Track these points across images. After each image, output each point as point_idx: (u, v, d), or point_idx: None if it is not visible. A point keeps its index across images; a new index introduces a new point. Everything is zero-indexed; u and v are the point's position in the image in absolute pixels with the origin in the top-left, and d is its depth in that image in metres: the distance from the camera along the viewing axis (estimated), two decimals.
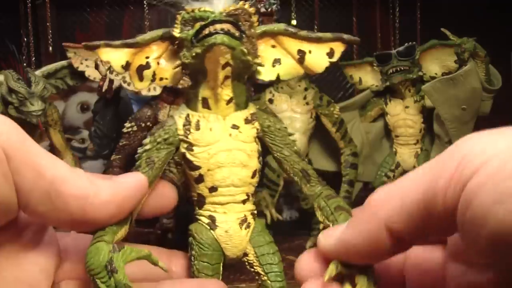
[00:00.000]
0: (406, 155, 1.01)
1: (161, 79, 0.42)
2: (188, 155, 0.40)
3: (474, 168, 0.24)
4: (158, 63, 0.42)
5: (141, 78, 0.41)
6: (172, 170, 0.43)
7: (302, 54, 0.42)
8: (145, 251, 0.35)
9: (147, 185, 0.37)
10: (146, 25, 1.41)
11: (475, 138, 0.26)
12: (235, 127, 0.40)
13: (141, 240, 0.83)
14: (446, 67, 0.95)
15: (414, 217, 0.27)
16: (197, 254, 0.40)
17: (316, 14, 1.51)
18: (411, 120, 0.99)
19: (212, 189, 0.40)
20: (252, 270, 0.43)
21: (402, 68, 0.93)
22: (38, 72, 0.86)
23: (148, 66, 0.41)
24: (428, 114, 0.99)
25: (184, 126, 0.40)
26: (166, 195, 0.41)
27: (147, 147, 0.40)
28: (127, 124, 0.85)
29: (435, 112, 0.94)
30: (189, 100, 0.41)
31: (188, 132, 0.40)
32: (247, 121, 0.41)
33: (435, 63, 0.97)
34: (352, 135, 0.99)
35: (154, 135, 0.40)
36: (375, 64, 0.98)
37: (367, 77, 1.03)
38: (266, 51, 0.42)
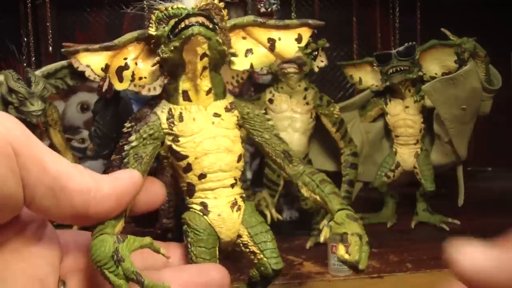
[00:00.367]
0: (406, 155, 1.01)
1: (140, 78, 0.44)
2: (174, 146, 0.42)
3: None
4: (136, 63, 0.44)
5: (120, 79, 0.44)
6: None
7: (272, 41, 0.45)
8: (147, 240, 0.37)
9: (141, 181, 0.38)
10: (146, 25, 1.41)
11: None
12: (216, 115, 0.42)
13: None
14: (446, 67, 0.95)
15: None
16: (193, 240, 0.42)
17: (316, 14, 1.51)
18: (411, 120, 0.99)
19: (201, 176, 0.42)
20: (247, 250, 0.44)
21: (402, 68, 0.93)
22: (38, 72, 0.86)
23: (126, 66, 0.44)
24: (428, 114, 0.99)
25: (168, 119, 0.42)
26: (154, 192, 0.41)
27: (133, 144, 0.42)
28: (127, 124, 0.84)
29: (435, 112, 0.94)
30: (169, 95, 0.43)
31: (173, 125, 0.42)
32: (227, 109, 0.43)
33: (435, 63, 0.96)
34: (352, 135, 0.99)
35: (139, 131, 0.42)
36: (375, 64, 0.98)
37: (367, 77, 1.03)
38: (238, 43, 0.45)
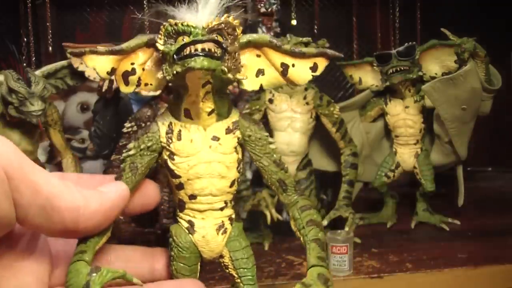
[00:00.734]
0: (406, 155, 1.01)
1: (146, 84, 0.42)
2: (169, 163, 0.42)
3: None
4: (143, 69, 0.42)
5: (126, 83, 0.42)
6: None
7: (285, 67, 0.42)
8: (119, 272, 0.38)
9: (128, 194, 0.40)
10: (146, 25, 1.41)
11: None
12: (215, 138, 0.41)
13: (141, 240, 0.84)
14: (446, 67, 0.95)
15: None
16: (175, 255, 0.43)
17: (316, 14, 1.51)
18: (411, 120, 0.99)
19: (192, 196, 0.42)
20: (227, 271, 0.44)
21: (402, 68, 0.93)
22: (38, 72, 0.86)
23: (133, 72, 0.42)
24: (428, 114, 0.99)
25: (167, 134, 0.42)
26: (148, 194, 0.43)
27: (131, 152, 0.42)
28: (127, 124, 0.84)
29: (435, 112, 0.94)
30: (172, 107, 0.42)
31: (170, 141, 0.41)
32: (228, 130, 0.42)
33: (435, 63, 0.96)
34: (352, 135, 0.99)
35: (138, 140, 0.42)
36: (375, 64, 0.98)
37: (367, 77, 1.03)
38: (251, 60, 0.43)
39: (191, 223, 0.43)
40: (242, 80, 0.42)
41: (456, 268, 0.76)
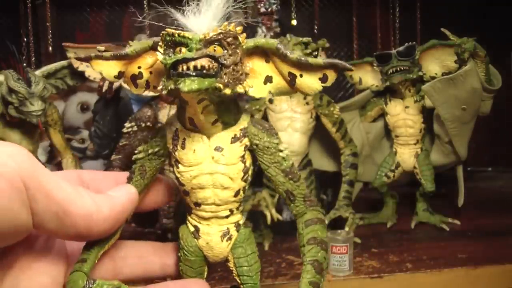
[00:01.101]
0: (406, 155, 1.01)
1: (154, 87, 0.42)
2: (175, 169, 0.42)
3: None
4: (151, 72, 0.41)
5: (135, 85, 0.42)
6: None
7: (292, 77, 0.40)
8: (115, 283, 0.38)
9: (137, 197, 0.41)
10: (146, 25, 1.41)
11: None
12: (219, 149, 0.40)
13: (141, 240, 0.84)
14: (446, 67, 0.95)
15: None
16: (182, 257, 0.43)
17: (316, 14, 1.51)
18: (411, 120, 0.99)
19: (196, 204, 0.42)
20: (232, 275, 0.44)
21: (402, 68, 0.93)
22: (38, 72, 0.86)
23: (140, 76, 0.41)
24: (428, 114, 0.99)
25: (173, 140, 0.41)
26: (161, 191, 0.45)
27: (140, 156, 0.42)
28: (127, 124, 0.85)
29: (435, 112, 0.94)
30: (179, 113, 0.42)
31: (176, 148, 0.41)
32: (235, 139, 0.40)
33: (435, 63, 0.96)
34: (352, 135, 0.99)
35: (147, 144, 0.42)
36: (375, 64, 0.98)
37: (367, 77, 1.03)
38: (259, 66, 0.40)
39: (196, 228, 0.43)
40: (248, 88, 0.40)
41: (456, 268, 0.76)
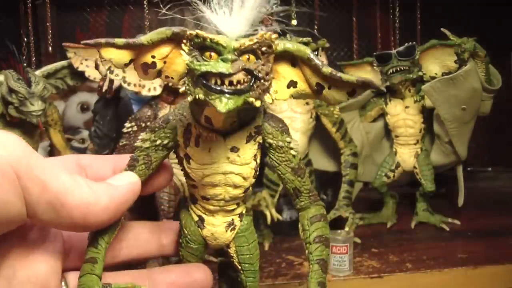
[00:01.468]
0: (406, 155, 1.01)
1: (167, 77, 0.39)
2: (185, 164, 0.40)
3: None
4: (165, 62, 0.38)
5: (145, 73, 0.39)
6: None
7: (320, 87, 0.38)
8: (129, 286, 0.38)
9: (140, 187, 0.39)
10: (146, 25, 1.41)
11: None
12: (234, 149, 0.39)
13: None
14: (446, 67, 0.95)
15: None
16: (184, 244, 0.43)
17: (316, 14, 1.51)
18: (411, 120, 0.99)
19: (204, 198, 0.42)
20: (231, 259, 0.44)
21: (402, 68, 0.93)
22: (38, 72, 0.86)
23: (153, 65, 0.38)
24: (428, 114, 0.99)
25: (185, 134, 0.40)
26: (161, 174, 0.42)
27: (145, 145, 0.40)
28: (127, 124, 0.84)
29: (435, 112, 0.94)
30: (193, 107, 0.39)
31: (188, 144, 0.40)
32: (249, 138, 0.40)
33: (435, 63, 0.96)
34: (352, 135, 0.99)
35: (154, 133, 0.40)
36: (375, 64, 0.98)
37: (367, 77, 1.02)
38: (284, 70, 0.39)
39: (201, 218, 0.43)
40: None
41: (456, 268, 0.76)
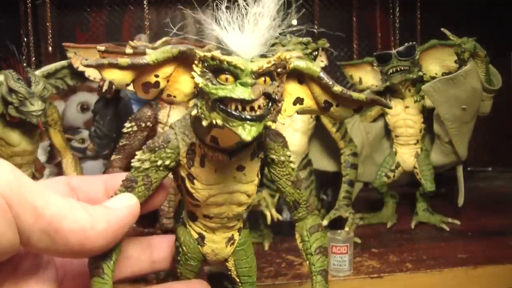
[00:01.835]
0: (406, 155, 1.01)
1: (168, 96, 0.37)
2: (188, 184, 0.39)
3: None
4: (168, 81, 0.37)
5: (146, 92, 0.37)
6: None
7: (328, 105, 0.38)
8: None
9: (139, 209, 0.37)
10: (146, 25, 1.41)
11: None
12: (241, 168, 0.39)
13: None
14: (446, 67, 0.95)
15: None
16: (182, 261, 0.43)
17: (316, 14, 1.51)
18: (411, 120, 0.99)
19: (207, 216, 0.41)
20: (229, 273, 0.44)
21: (402, 68, 0.93)
22: (38, 72, 0.86)
23: (156, 85, 0.36)
24: (428, 114, 0.99)
25: (188, 155, 0.38)
26: (160, 193, 0.41)
27: (145, 166, 0.38)
28: (127, 124, 0.84)
29: (435, 112, 0.94)
30: (196, 125, 0.37)
31: (192, 164, 0.38)
32: (253, 155, 0.39)
33: (435, 63, 0.96)
34: (352, 135, 0.99)
35: (155, 153, 0.38)
36: (375, 64, 0.98)
37: (367, 77, 1.03)
38: (292, 87, 0.38)
39: (201, 235, 0.42)
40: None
41: (456, 268, 0.76)
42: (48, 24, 1.39)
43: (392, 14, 1.54)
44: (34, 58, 1.41)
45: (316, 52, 0.91)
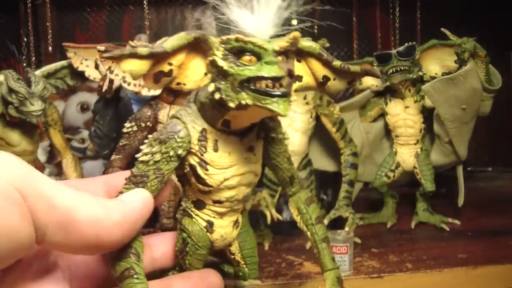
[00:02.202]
0: (406, 155, 1.01)
1: (178, 84, 0.38)
2: (200, 171, 0.39)
3: None
4: (179, 68, 0.37)
5: (157, 81, 0.37)
6: None
7: (326, 79, 0.40)
8: None
9: (153, 202, 0.37)
10: (146, 25, 1.41)
11: None
12: (251, 149, 0.40)
13: None
14: (446, 67, 0.95)
15: None
16: (191, 252, 0.42)
17: (316, 14, 1.51)
18: (411, 120, 0.99)
19: (218, 201, 0.41)
20: (232, 257, 0.45)
21: (402, 68, 0.93)
22: (38, 72, 0.86)
23: (170, 73, 0.37)
24: (428, 114, 0.99)
25: (200, 141, 0.38)
26: (164, 189, 0.40)
27: (156, 158, 0.37)
28: (127, 124, 0.84)
29: (435, 112, 0.94)
30: (206, 112, 0.38)
31: (204, 150, 0.38)
32: (258, 135, 0.40)
33: (435, 63, 0.96)
34: (352, 135, 0.99)
35: (165, 144, 0.37)
36: (375, 64, 0.98)
37: (367, 77, 1.02)
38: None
39: (210, 222, 0.42)
40: None
41: (456, 268, 0.76)
42: (48, 24, 1.40)
43: (392, 14, 1.54)
44: (34, 58, 1.41)
45: None
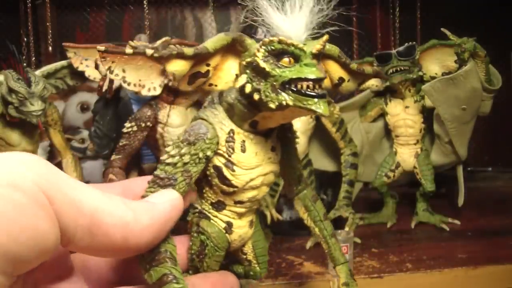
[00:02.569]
0: (406, 155, 1.01)
1: (210, 85, 0.38)
2: (226, 172, 0.39)
3: None
4: (215, 69, 0.38)
5: (191, 83, 0.37)
6: None
7: (341, 81, 0.42)
8: None
9: (183, 204, 0.36)
10: (146, 25, 1.41)
11: None
12: (273, 149, 0.40)
13: None
14: (446, 67, 0.95)
15: None
16: (211, 254, 0.42)
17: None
18: (411, 120, 0.99)
19: (240, 202, 0.41)
20: (244, 256, 0.45)
21: (402, 68, 0.93)
22: (38, 72, 0.86)
23: (206, 74, 0.37)
24: (428, 114, 0.99)
25: (227, 142, 0.39)
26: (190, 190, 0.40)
27: (185, 160, 0.37)
28: (127, 124, 0.84)
29: (435, 112, 0.94)
30: (233, 113, 0.38)
31: (232, 151, 0.39)
32: (278, 137, 0.41)
33: (435, 63, 0.96)
34: (352, 135, 0.99)
35: (194, 146, 0.37)
36: (375, 64, 0.98)
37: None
38: None
39: (229, 223, 0.42)
40: None
41: (456, 268, 0.76)
42: (48, 24, 1.39)
43: (392, 14, 1.54)
44: (34, 58, 1.41)
45: None
